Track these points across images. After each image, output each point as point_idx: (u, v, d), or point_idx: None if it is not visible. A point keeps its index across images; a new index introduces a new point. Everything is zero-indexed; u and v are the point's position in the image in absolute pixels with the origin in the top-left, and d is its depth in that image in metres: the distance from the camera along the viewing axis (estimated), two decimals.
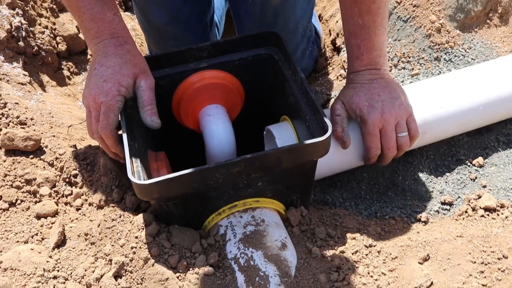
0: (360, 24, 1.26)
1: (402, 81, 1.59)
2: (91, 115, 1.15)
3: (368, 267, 1.09)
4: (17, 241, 1.13)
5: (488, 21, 1.71)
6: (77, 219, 1.18)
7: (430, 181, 1.39)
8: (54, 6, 1.78)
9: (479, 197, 1.30)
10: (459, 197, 1.35)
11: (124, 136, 1.10)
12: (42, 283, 1.04)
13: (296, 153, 1.07)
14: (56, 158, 1.26)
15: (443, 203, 1.34)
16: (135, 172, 1.06)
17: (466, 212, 1.28)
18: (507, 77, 1.40)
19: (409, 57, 1.62)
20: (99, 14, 1.19)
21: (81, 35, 1.78)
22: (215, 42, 1.31)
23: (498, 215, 1.26)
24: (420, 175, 1.40)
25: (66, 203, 1.22)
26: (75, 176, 1.24)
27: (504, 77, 1.40)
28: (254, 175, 1.08)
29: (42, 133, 1.30)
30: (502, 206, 1.27)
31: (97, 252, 1.09)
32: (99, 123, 1.13)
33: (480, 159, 1.42)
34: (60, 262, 1.09)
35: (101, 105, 1.12)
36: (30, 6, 1.63)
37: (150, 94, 1.16)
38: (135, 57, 1.19)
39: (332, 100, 1.64)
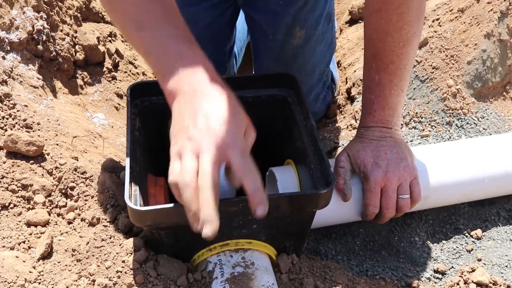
0: (376, 81, 1.26)
1: (411, 141, 1.58)
2: (191, 155, 0.93)
3: None
4: (3, 246, 1.11)
5: (504, 93, 1.71)
6: (67, 232, 1.16)
7: (426, 247, 1.37)
8: (79, 15, 1.79)
9: (473, 270, 1.28)
10: (452, 267, 1.33)
11: (127, 158, 1.09)
12: None
13: (296, 201, 1.06)
14: (56, 168, 1.25)
15: (436, 271, 1.32)
16: (132, 196, 1.05)
17: (457, 284, 1.26)
18: None
19: (422, 118, 1.62)
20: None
21: (100, 47, 1.78)
22: (232, 76, 1.31)
23: None
24: (417, 239, 1.38)
25: (58, 214, 1.20)
26: (72, 188, 1.23)
27: None
28: (251, 216, 1.06)
29: (46, 139, 1.29)
30: (495, 283, 1.25)
31: (82, 270, 1.07)
32: (240, 165, 0.91)
33: (478, 231, 1.41)
34: (43, 275, 1.07)
35: (227, 150, 0.90)
36: (55, 11, 1.63)
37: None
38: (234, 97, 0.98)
39: (339, 149, 1.63)
